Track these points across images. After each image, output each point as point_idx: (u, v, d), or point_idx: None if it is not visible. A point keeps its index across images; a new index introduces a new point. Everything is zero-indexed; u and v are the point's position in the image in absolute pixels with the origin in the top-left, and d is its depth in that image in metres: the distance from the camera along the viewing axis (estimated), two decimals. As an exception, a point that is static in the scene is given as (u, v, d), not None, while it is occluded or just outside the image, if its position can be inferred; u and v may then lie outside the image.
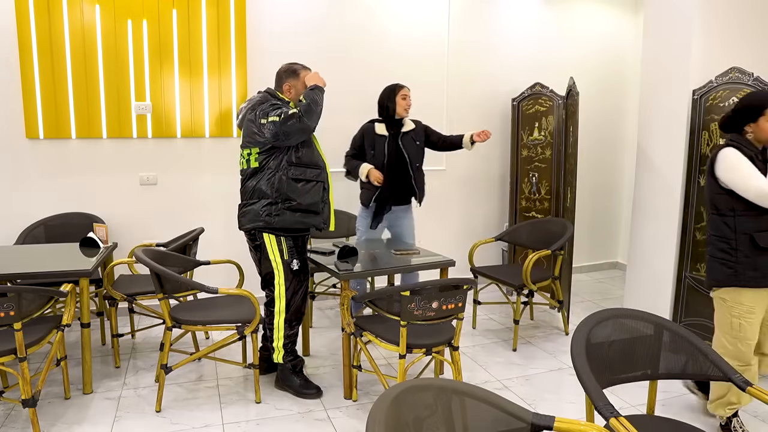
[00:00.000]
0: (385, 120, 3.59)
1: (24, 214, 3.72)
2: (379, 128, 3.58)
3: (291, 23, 4.14)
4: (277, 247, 2.76)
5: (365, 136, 3.61)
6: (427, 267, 3.13)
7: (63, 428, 2.54)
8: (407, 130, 3.60)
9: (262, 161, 2.72)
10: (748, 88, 2.99)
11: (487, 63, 4.74)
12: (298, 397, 2.85)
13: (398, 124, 3.58)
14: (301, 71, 2.83)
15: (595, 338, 1.80)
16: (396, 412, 1.27)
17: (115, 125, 3.84)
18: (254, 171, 2.75)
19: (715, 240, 2.46)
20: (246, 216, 2.78)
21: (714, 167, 2.42)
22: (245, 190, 2.80)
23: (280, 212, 2.71)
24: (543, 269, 3.97)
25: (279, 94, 2.82)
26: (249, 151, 2.76)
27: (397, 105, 3.54)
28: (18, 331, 2.32)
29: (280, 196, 2.71)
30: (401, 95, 3.55)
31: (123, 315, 3.78)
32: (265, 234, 2.75)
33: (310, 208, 2.76)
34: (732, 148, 2.37)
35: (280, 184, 2.70)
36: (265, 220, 2.72)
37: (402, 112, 3.56)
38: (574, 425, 1.41)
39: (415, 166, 3.59)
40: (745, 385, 1.70)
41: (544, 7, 4.90)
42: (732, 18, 3.35)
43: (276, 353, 2.86)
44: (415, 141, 3.61)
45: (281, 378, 2.93)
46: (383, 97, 3.59)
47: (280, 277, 2.78)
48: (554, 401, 2.90)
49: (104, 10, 3.71)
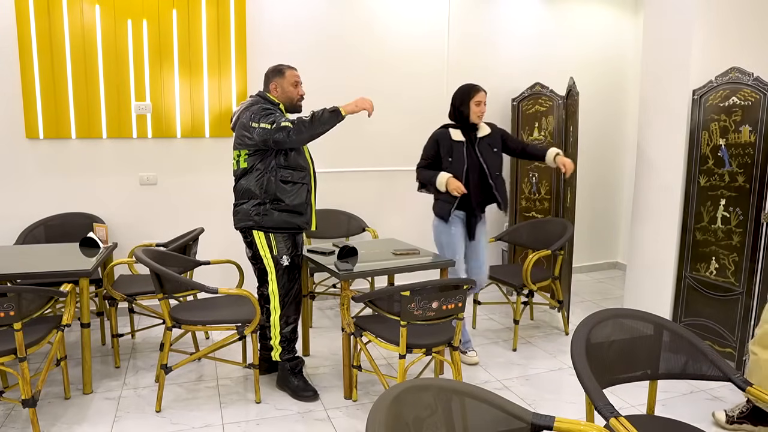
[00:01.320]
0: (460, 124, 3.25)
1: (24, 214, 3.72)
2: (455, 134, 3.22)
3: (291, 22, 4.14)
4: (267, 244, 2.82)
5: (440, 144, 3.22)
6: (427, 267, 3.13)
7: (63, 428, 2.54)
8: (483, 136, 3.26)
9: (251, 162, 2.77)
10: (748, 88, 3.00)
11: (487, 63, 4.74)
12: (296, 399, 2.85)
13: (473, 128, 3.24)
14: (286, 70, 2.87)
15: (595, 338, 1.80)
16: (396, 412, 1.27)
17: (115, 125, 3.84)
18: (244, 172, 2.80)
19: None
20: (237, 215, 2.85)
21: None
22: (236, 191, 2.86)
23: (268, 212, 2.77)
24: (543, 269, 3.97)
25: (269, 95, 2.86)
26: (239, 153, 2.81)
27: (471, 111, 3.19)
28: (18, 331, 2.32)
29: (268, 197, 2.77)
30: (475, 101, 3.18)
31: (123, 315, 3.78)
32: (254, 231, 2.81)
33: (296, 209, 2.81)
34: None
35: (269, 185, 2.76)
36: (254, 219, 2.78)
37: (475, 119, 3.21)
38: (574, 425, 1.41)
39: (494, 174, 3.25)
40: (745, 385, 1.70)
41: (544, 7, 4.90)
42: (732, 18, 3.35)
43: (274, 351, 2.88)
44: (492, 147, 3.26)
45: (281, 378, 2.94)
46: (456, 100, 3.24)
47: (272, 274, 2.83)
48: (554, 401, 2.90)
49: (104, 10, 3.71)
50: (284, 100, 2.87)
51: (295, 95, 2.88)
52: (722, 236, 3.17)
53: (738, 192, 3.07)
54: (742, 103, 3.03)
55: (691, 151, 3.33)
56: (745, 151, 3.03)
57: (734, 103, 3.08)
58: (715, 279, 3.21)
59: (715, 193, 3.19)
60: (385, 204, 4.54)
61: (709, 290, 3.25)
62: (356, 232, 4.30)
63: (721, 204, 3.16)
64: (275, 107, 2.80)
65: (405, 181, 4.35)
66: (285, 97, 2.86)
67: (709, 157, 3.23)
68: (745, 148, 3.03)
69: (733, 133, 3.10)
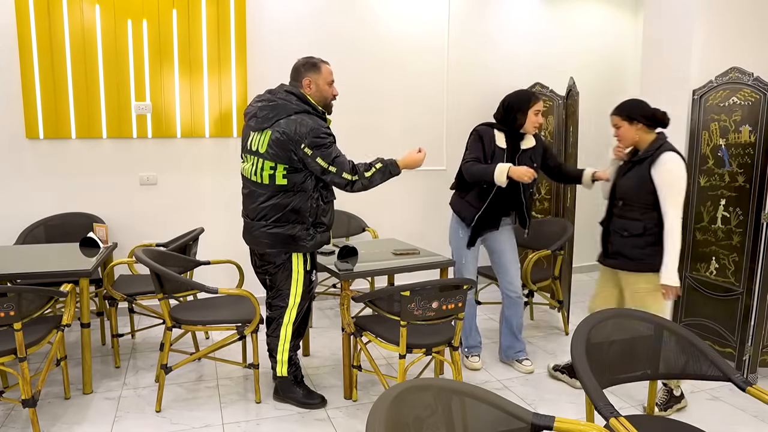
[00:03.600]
0: (507, 130, 3.03)
1: (24, 214, 3.72)
2: (499, 138, 3.00)
3: (291, 21, 4.14)
4: (302, 262, 2.67)
5: (484, 141, 3.00)
6: (427, 267, 3.13)
7: (63, 428, 2.54)
8: (527, 148, 3.04)
9: (292, 180, 2.52)
10: (748, 88, 3.00)
11: (486, 62, 4.74)
12: (303, 408, 2.76)
13: (520, 137, 3.03)
14: (322, 66, 2.63)
15: (595, 338, 1.80)
16: (396, 412, 1.27)
17: (115, 125, 3.84)
18: (280, 189, 2.54)
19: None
20: (271, 239, 2.59)
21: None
22: (265, 208, 2.57)
23: (313, 236, 2.61)
24: (543, 269, 3.97)
25: (306, 95, 2.58)
26: (273, 165, 2.51)
27: (528, 120, 2.96)
28: (18, 331, 2.32)
29: (312, 220, 2.59)
30: (535, 110, 2.95)
31: (123, 315, 3.78)
32: (294, 254, 2.64)
33: (330, 227, 2.71)
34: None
35: (313, 208, 2.58)
36: (298, 245, 2.59)
37: (531, 129, 3.00)
38: (574, 425, 1.41)
39: (528, 192, 3.09)
40: (745, 385, 1.70)
41: (544, 7, 4.90)
42: (732, 18, 3.36)
43: (279, 366, 2.75)
44: (533, 162, 3.04)
45: (282, 390, 2.81)
46: (513, 104, 2.98)
47: (298, 289, 2.68)
48: (554, 401, 2.90)
49: (104, 10, 3.71)
50: (318, 99, 2.61)
51: (330, 95, 2.65)
52: (722, 236, 3.17)
53: (738, 192, 3.07)
54: (742, 103, 3.03)
55: (691, 151, 3.33)
56: (745, 151, 3.02)
57: (734, 103, 3.08)
58: (715, 279, 3.21)
59: (715, 193, 3.19)
60: (386, 204, 4.54)
61: (709, 290, 3.25)
62: (356, 232, 4.30)
63: (721, 204, 3.16)
64: (318, 115, 2.57)
65: (405, 181, 4.34)
66: (319, 96, 2.61)
67: (709, 157, 3.23)
68: (745, 148, 3.03)
69: (733, 133, 3.10)
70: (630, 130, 2.60)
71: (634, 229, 2.58)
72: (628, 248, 2.61)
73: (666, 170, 2.48)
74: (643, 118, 2.58)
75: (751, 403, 2.77)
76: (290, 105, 2.53)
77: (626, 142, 2.64)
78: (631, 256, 2.60)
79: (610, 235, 2.71)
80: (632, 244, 2.59)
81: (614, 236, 2.68)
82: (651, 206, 2.53)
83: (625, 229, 2.62)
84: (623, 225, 2.63)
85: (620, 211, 2.65)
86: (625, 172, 2.65)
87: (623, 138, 2.64)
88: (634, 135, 2.60)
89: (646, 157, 2.55)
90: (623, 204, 2.64)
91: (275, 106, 2.53)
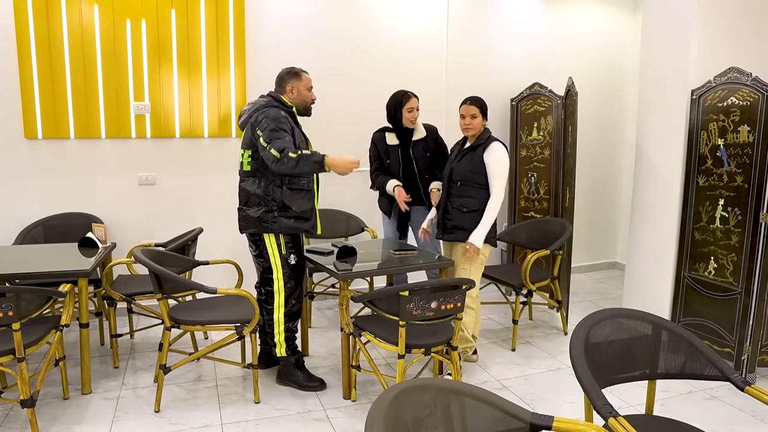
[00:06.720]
0: (395, 128, 3.44)
1: (22, 214, 3.71)
2: (390, 138, 3.44)
3: (290, 21, 4.14)
4: (276, 245, 2.87)
5: (378, 147, 3.49)
6: (427, 267, 3.14)
7: (62, 428, 2.53)
8: (418, 139, 3.43)
9: (254, 167, 2.82)
10: (747, 88, 3.00)
11: (486, 62, 4.74)
12: (303, 391, 2.90)
13: (408, 132, 3.43)
14: (302, 74, 2.94)
15: (594, 338, 1.80)
16: (395, 412, 1.27)
17: (113, 125, 3.84)
18: (247, 174, 2.85)
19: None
20: (243, 221, 2.89)
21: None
22: (241, 193, 2.89)
23: (276, 219, 2.82)
24: (542, 269, 3.97)
25: (282, 97, 2.89)
26: (243, 152, 2.86)
27: (404, 117, 3.37)
28: (16, 331, 2.32)
29: (276, 204, 2.81)
30: (407, 108, 3.36)
31: (122, 315, 3.78)
32: (264, 234, 2.86)
33: (304, 215, 2.87)
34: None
35: (275, 192, 2.81)
36: (263, 226, 2.83)
37: (408, 124, 3.39)
38: (573, 425, 1.41)
39: (424, 178, 3.44)
40: (743, 385, 1.70)
41: (543, 7, 4.90)
42: (731, 18, 3.36)
43: (278, 347, 2.93)
44: (426, 152, 3.44)
45: (284, 373, 2.98)
46: (390, 106, 3.41)
47: (278, 272, 2.88)
48: (553, 401, 2.90)
49: (103, 10, 3.70)
50: (298, 103, 2.92)
51: (309, 99, 2.96)
52: (721, 236, 3.17)
53: (736, 192, 3.08)
54: (741, 103, 3.04)
55: (689, 151, 3.33)
56: (744, 151, 3.03)
57: (733, 103, 3.08)
58: (714, 279, 3.22)
59: (714, 193, 3.20)
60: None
61: (708, 290, 3.25)
62: (355, 232, 4.30)
63: (720, 204, 3.17)
64: (287, 113, 2.83)
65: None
66: (300, 100, 2.92)
67: (708, 157, 3.23)
68: (743, 148, 3.03)
69: (731, 133, 3.10)
70: (481, 122, 3.09)
71: (472, 206, 3.05)
72: (467, 222, 3.04)
73: (496, 155, 3.01)
74: (485, 113, 3.12)
75: (750, 402, 2.77)
76: (266, 101, 2.89)
77: (475, 130, 3.10)
78: (468, 229, 3.03)
79: (449, 213, 3.13)
80: (470, 219, 3.04)
81: (454, 213, 3.10)
82: (483, 186, 3.03)
83: (464, 206, 3.06)
84: (462, 203, 3.08)
85: (458, 190, 3.10)
86: (460, 159, 3.12)
87: (475, 127, 3.09)
88: (481, 126, 3.11)
89: (479, 145, 3.06)
90: (461, 185, 3.08)
91: (256, 104, 2.90)
